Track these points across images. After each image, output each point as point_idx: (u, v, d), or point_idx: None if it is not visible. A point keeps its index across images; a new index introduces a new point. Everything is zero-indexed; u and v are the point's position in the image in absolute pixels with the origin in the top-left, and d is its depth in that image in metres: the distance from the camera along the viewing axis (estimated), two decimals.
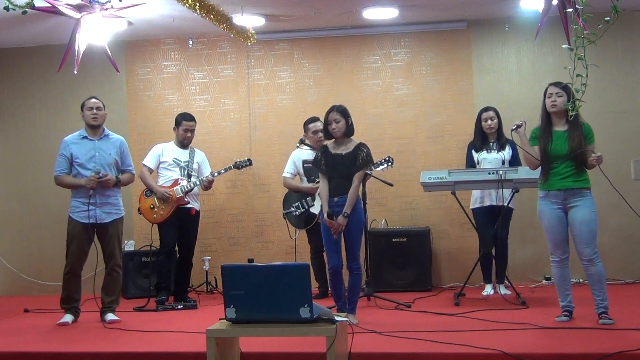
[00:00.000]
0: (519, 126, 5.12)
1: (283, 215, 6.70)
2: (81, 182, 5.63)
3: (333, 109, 5.30)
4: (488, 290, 6.44)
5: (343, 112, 5.28)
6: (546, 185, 4.97)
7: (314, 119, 6.51)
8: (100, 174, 5.61)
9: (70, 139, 5.80)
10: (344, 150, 5.28)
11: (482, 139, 6.43)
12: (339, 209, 5.17)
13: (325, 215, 5.17)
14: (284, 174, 6.71)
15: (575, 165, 4.87)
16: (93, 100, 5.83)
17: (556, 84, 4.94)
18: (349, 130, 5.31)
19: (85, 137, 5.78)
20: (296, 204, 6.55)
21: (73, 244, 5.66)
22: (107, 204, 5.70)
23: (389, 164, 6.35)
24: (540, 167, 5.03)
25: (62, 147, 5.77)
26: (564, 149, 4.88)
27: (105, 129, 5.88)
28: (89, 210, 5.59)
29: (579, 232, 4.85)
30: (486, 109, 6.43)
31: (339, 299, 5.31)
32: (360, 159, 5.22)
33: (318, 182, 6.40)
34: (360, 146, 5.28)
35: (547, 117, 5.02)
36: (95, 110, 5.77)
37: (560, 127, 4.97)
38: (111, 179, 5.68)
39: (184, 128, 6.53)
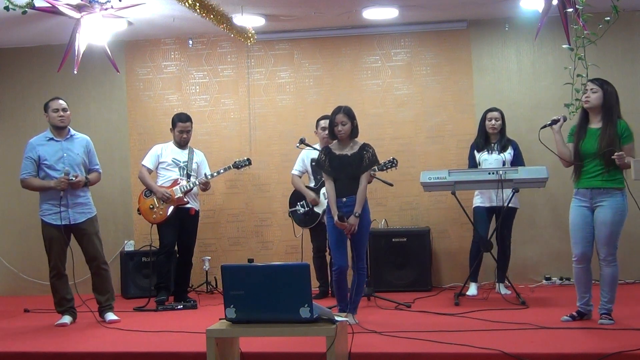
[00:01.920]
0: (555, 121, 4.97)
1: (289, 213, 6.70)
2: (50, 184, 5.56)
3: (340, 110, 5.26)
4: (472, 290, 6.40)
5: (350, 114, 5.26)
6: (577, 183, 4.92)
7: (326, 116, 6.48)
8: (70, 175, 5.55)
9: (35, 140, 5.72)
10: (349, 151, 5.28)
11: (485, 139, 6.43)
12: (347, 209, 5.18)
13: (336, 218, 5.17)
14: (292, 171, 6.71)
15: (605, 164, 4.76)
16: (59, 101, 5.75)
17: (593, 80, 4.79)
18: (354, 132, 5.31)
19: (51, 139, 5.70)
20: (301, 203, 6.56)
21: (54, 246, 5.62)
22: (79, 204, 5.65)
23: (394, 165, 6.36)
24: (572, 165, 4.95)
25: (27, 150, 5.68)
26: (593, 147, 4.80)
27: (70, 129, 5.81)
28: (60, 212, 5.54)
29: (599, 232, 4.82)
30: (492, 110, 6.42)
31: (342, 300, 5.31)
32: (367, 159, 5.23)
33: (316, 187, 6.45)
34: (366, 147, 5.28)
35: (585, 114, 4.92)
36: (61, 112, 5.69)
37: (594, 125, 4.89)
38: (81, 179, 5.62)
39: (179, 129, 6.53)
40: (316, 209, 6.48)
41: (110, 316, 5.67)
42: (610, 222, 4.77)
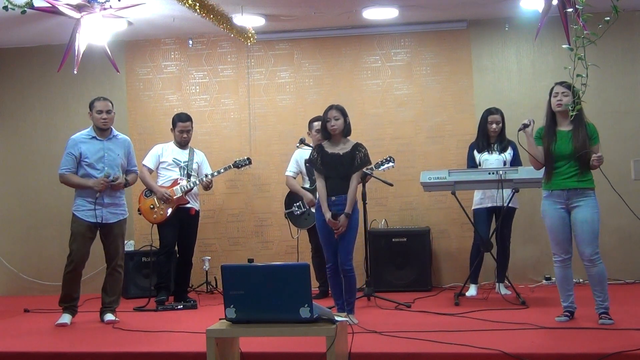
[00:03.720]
0: (526, 125, 5.08)
1: (285, 214, 6.71)
2: (89, 183, 5.58)
3: (332, 107, 5.32)
4: (472, 291, 6.41)
5: (342, 110, 5.30)
6: (549, 184, 4.97)
7: (319, 118, 6.49)
8: (111, 177, 5.59)
9: (78, 137, 5.74)
10: (341, 150, 5.29)
11: (486, 140, 6.42)
12: (336, 208, 5.19)
13: (329, 215, 5.17)
14: (287, 173, 6.72)
15: (579, 165, 4.86)
16: (105, 102, 5.78)
17: (562, 84, 4.91)
18: (347, 130, 5.32)
19: (94, 137, 5.74)
20: (297, 204, 6.58)
21: (77, 242, 5.62)
22: (114, 205, 5.70)
23: (391, 163, 6.36)
24: (543, 167, 5.02)
25: (70, 146, 5.70)
26: (567, 149, 4.88)
27: (113, 129, 5.86)
28: (95, 209, 5.58)
29: (581, 232, 4.85)
30: (492, 112, 6.36)
31: (339, 297, 5.33)
32: (359, 159, 5.24)
33: (312, 187, 6.44)
34: (358, 146, 5.29)
35: (552, 117, 5.01)
36: (105, 114, 5.72)
37: (564, 127, 4.96)
38: (122, 181, 5.68)
39: (179, 129, 6.54)
40: (313, 210, 6.47)
41: (109, 317, 5.67)
42: (591, 220, 4.83)
